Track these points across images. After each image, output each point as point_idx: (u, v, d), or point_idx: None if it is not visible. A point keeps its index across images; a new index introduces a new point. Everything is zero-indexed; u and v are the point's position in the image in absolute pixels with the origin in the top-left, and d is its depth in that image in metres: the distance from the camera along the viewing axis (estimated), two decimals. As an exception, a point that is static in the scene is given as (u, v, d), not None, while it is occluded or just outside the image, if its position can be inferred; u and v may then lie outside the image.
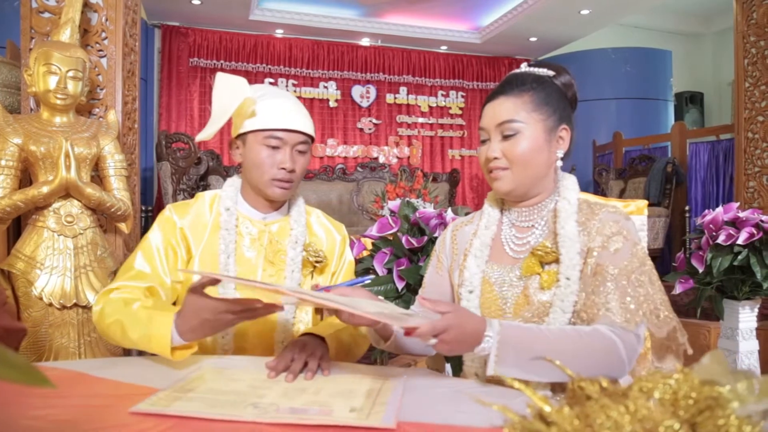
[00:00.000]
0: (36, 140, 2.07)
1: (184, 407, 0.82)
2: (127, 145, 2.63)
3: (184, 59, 6.93)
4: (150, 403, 0.83)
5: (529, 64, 1.22)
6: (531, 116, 1.12)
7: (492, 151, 1.14)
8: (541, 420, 0.44)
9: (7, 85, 2.61)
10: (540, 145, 1.12)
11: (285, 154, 1.31)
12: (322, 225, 1.51)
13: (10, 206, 1.99)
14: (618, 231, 1.09)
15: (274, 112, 1.30)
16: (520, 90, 1.14)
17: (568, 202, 1.14)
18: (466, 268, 1.18)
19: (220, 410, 0.82)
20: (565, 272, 1.07)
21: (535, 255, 1.11)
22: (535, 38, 7.51)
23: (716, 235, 2.53)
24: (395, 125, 7.89)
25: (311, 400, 0.88)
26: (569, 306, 1.06)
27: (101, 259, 2.18)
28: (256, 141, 1.31)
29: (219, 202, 1.39)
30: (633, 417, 0.43)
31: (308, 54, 7.48)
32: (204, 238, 1.36)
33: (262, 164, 1.31)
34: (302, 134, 1.33)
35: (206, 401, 0.86)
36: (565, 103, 1.17)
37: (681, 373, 0.49)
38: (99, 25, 2.51)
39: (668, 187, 5.73)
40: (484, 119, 1.18)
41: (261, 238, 1.39)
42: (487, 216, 1.24)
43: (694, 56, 9.22)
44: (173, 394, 0.89)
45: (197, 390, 0.92)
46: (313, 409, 0.84)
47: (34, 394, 0.87)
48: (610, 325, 1.01)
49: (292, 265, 1.36)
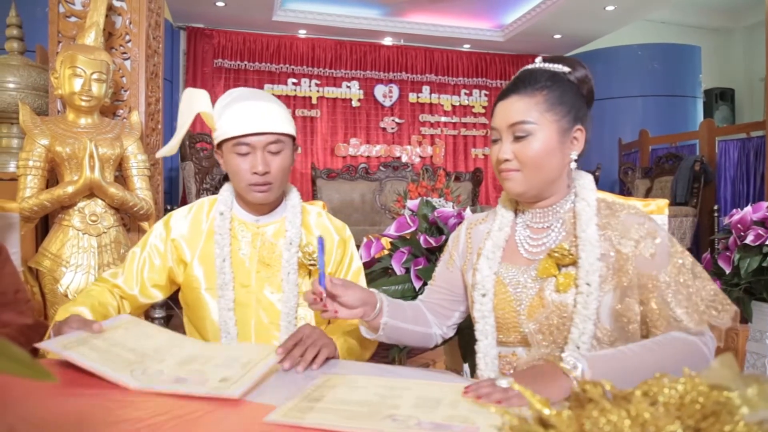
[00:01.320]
0: (62, 141, 2.12)
1: (320, 419, 0.79)
2: (150, 145, 2.68)
3: (209, 60, 7.02)
4: (282, 414, 0.80)
5: (543, 59, 1.18)
6: (544, 117, 1.08)
7: (503, 152, 1.11)
8: (540, 423, 0.44)
9: (36, 88, 2.68)
10: (553, 147, 1.08)
11: (256, 158, 1.29)
12: (321, 225, 1.48)
13: (37, 205, 2.05)
14: (646, 234, 1.06)
15: (236, 118, 1.28)
16: (533, 88, 1.10)
17: (587, 204, 1.10)
18: (479, 271, 1.16)
19: (358, 423, 0.78)
20: (585, 277, 1.04)
21: (552, 257, 1.08)
22: (560, 35, 7.42)
23: (744, 236, 2.47)
24: (418, 124, 7.88)
25: (449, 414, 0.82)
26: (593, 312, 1.03)
27: (124, 258, 2.21)
28: (228, 150, 1.31)
29: (216, 206, 1.41)
30: (634, 421, 0.42)
31: (331, 54, 7.51)
32: (200, 244, 1.38)
33: (237, 171, 1.31)
34: (270, 134, 1.29)
35: (340, 413, 0.82)
36: (580, 101, 1.13)
37: (688, 378, 0.48)
38: (123, 28, 2.56)
39: (696, 186, 5.61)
40: (495, 118, 1.14)
41: (255, 241, 1.39)
42: (500, 217, 1.21)
43: (725, 52, 9.01)
44: (304, 404, 0.86)
45: (325, 399, 0.88)
46: (457, 425, 0.78)
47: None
48: (685, 331, 1.02)
49: (288, 267, 1.35)
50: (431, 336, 1.28)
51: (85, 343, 0.98)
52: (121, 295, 1.38)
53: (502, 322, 1.13)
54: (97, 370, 0.90)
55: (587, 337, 1.03)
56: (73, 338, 1.00)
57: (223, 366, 0.97)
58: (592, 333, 1.03)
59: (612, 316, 1.05)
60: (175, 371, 0.95)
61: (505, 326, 1.13)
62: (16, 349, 0.43)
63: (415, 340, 1.24)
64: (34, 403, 0.82)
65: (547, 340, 1.08)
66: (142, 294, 1.39)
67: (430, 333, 1.27)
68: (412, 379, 0.99)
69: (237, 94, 1.33)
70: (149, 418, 0.78)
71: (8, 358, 0.42)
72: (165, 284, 1.41)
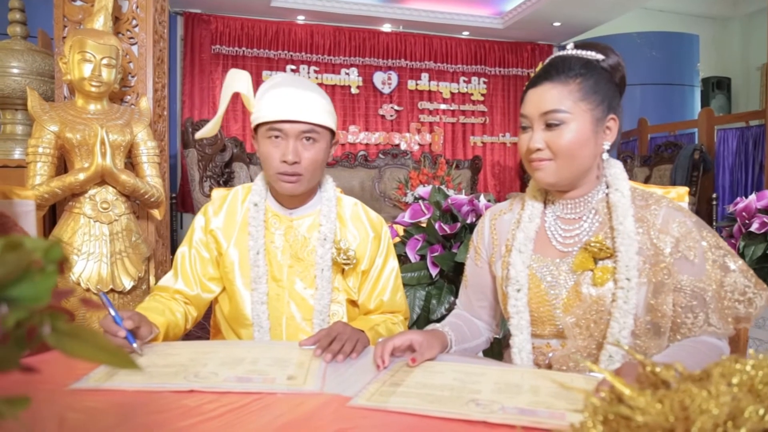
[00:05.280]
0: (72, 128, 2.10)
1: (404, 403, 0.79)
2: (157, 132, 2.66)
3: (207, 46, 6.95)
4: (366, 398, 0.81)
5: (575, 45, 1.15)
6: (578, 106, 1.05)
7: (534, 141, 1.07)
8: (624, 404, 0.44)
9: (41, 73, 2.65)
10: (587, 137, 1.06)
11: (287, 146, 1.25)
12: (357, 219, 1.42)
13: (48, 193, 2.03)
14: (686, 232, 1.05)
15: (274, 103, 1.25)
16: (567, 76, 1.06)
17: (621, 195, 1.09)
18: (512, 265, 1.14)
19: (443, 407, 0.78)
20: (624, 272, 1.03)
21: (588, 251, 1.06)
22: (559, 23, 7.40)
23: (749, 223, 2.49)
24: (417, 112, 7.86)
25: (532, 400, 0.81)
26: (632, 306, 1.03)
27: (135, 245, 2.21)
28: (262, 135, 1.28)
29: (250, 196, 1.38)
30: (716, 402, 0.43)
31: (329, 40, 7.46)
32: (234, 234, 1.36)
33: (267, 158, 1.28)
34: (305, 124, 1.25)
35: (423, 397, 0.82)
36: (614, 90, 1.11)
37: (756, 360, 0.49)
38: (130, 12, 2.53)
39: (695, 174, 5.65)
40: (526, 106, 1.10)
41: (288, 235, 1.36)
42: (530, 207, 1.18)
43: (722, 40, 9.01)
44: (385, 388, 0.86)
45: (406, 384, 0.88)
46: (543, 411, 0.77)
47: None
48: (714, 335, 1.05)
49: (322, 264, 1.32)
50: (485, 342, 1.29)
51: (116, 372, 0.91)
52: (185, 300, 1.35)
53: (537, 316, 1.12)
54: (150, 387, 0.86)
55: (627, 332, 1.03)
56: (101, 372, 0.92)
57: (277, 366, 0.96)
58: (631, 327, 1.03)
59: (647, 309, 1.05)
60: (230, 372, 0.92)
61: (539, 320, 1.12)
62: (101, 338, 0.43)
63: (473, 353, 1.24)
64: (82, 392, 0.82)
65: (583, 334, 1.08)
66: (204, 291, 1.36)
67: (483, 340, 1.28)
68: (487, 365, 1.00)
69: (280, 79, 1.30)
70: (213, 409, 0.76)
71: (93, 346, 0.43)
72: (219, 276, 1.38)
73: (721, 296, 1.05)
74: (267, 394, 0.82)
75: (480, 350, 1.29)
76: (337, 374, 0.94)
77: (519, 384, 0.88)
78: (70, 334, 0.42)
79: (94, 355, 0.42)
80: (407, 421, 0.74)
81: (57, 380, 0.86)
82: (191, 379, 0.88)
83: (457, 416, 0.74)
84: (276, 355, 1.03)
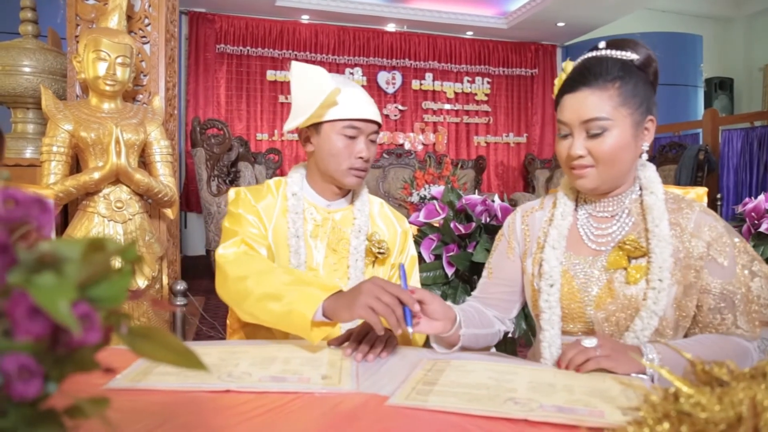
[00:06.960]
0: (86, 126, 2.11)
1: (443, 402, 0.79)
2: (168, 131, 2.67)
3: (211, 45, 6.95)
4: (404, 397, 0.81)
5: (607, 45, 1.13)
6: (618, 111, 1.04)
7: (576, 148, 1.06)
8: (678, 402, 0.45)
9: (53, 72, 2.65)
10: (627, 142, 1.05)
11: (361, 144, 1.32)
12: (384, 216, 1.50)
13: (63, 192, 2.04)
14: (716, 237, 1.06)
15: (352, 102, 1.31)
16: (605, 80, 1.05)
17: (656, 197, 1.09)
18: (545, 261, 1.14)
19: (482, 406, 0.78)
20: (657, 273, 1.04)
21: (623, 249, 1.07)
22: (563, 23, 7.40)
23: (759, 224, 2.50)
24: (421, 112, 7.86)
25: (569, 398, 0.81)
26: (661, 308, 1.04)
27: (149, 245, 2.22)
28: (333, 131, 1.31)
29: (285, 187, 1.41)
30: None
31: (334, 40, 7.46)
32: (273, 221, 1.37)
33: (340, 154, 1.31)
34: (376, 124, 1.35)
35: (461, 396, 0.82)
36: (650, 90, 1.10)
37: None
38: (142, 11, 2.54)
39: (700, 174, 5.66)
40: (565, 113, 1.08)
41: (324, 225, 1.40)
42: (562, 205, 1.19)
43: (725, 41, 9.03)
44: (421, 386, 0.86)
45: (440, 383, 0.88)
46: (581, 409, 0.77)
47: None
48: (741, 337, 1.06)
49: (356, 254, 1.37)
50: (497, 334, 1.26)
51: (149, 372, 0.91)
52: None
53: (567, 311, 1.13)
54: (185, 387, 0.85)
55: (649, 332, 1.04)
56: (133, 371, 0.92)
57: (310, 365, 0.96)
58: (655, 326, 1.04)
59: (674, 308, 1.06)
60: (264, 372, 0.92)
61: (569, 315, 1.13)
62: (172, 339, 0.44)
63: (485, 343, 1.22)
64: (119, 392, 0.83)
65: (611, 329, 1.09)
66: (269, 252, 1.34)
67: (495, 331, 1.25)
68: (517, 364, 1.00)
69: (341, 79, 1.33)
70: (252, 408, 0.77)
71: (164, 348, 0.43)
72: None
73: (750, 300, 1.05)
74: (304, 393, 0.83)
75: (492, 342, 1.27)
76: (369, 373, 0.94)
77: (552, 383, 0.88)
78: (142, 335, 0.43)
79: (164, 355, 0.43)
80: (450, 420, 0.74)
81: (89, 380, 0.86)
82: (225, 379, 0.88)
83: (498, 414, 0.75)
84: (307, 355, 1.03)
